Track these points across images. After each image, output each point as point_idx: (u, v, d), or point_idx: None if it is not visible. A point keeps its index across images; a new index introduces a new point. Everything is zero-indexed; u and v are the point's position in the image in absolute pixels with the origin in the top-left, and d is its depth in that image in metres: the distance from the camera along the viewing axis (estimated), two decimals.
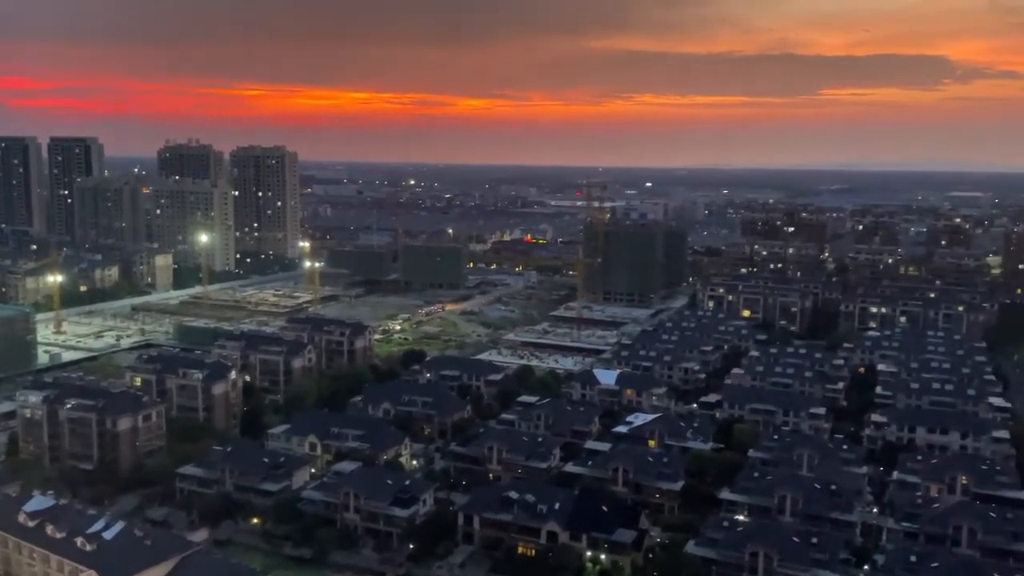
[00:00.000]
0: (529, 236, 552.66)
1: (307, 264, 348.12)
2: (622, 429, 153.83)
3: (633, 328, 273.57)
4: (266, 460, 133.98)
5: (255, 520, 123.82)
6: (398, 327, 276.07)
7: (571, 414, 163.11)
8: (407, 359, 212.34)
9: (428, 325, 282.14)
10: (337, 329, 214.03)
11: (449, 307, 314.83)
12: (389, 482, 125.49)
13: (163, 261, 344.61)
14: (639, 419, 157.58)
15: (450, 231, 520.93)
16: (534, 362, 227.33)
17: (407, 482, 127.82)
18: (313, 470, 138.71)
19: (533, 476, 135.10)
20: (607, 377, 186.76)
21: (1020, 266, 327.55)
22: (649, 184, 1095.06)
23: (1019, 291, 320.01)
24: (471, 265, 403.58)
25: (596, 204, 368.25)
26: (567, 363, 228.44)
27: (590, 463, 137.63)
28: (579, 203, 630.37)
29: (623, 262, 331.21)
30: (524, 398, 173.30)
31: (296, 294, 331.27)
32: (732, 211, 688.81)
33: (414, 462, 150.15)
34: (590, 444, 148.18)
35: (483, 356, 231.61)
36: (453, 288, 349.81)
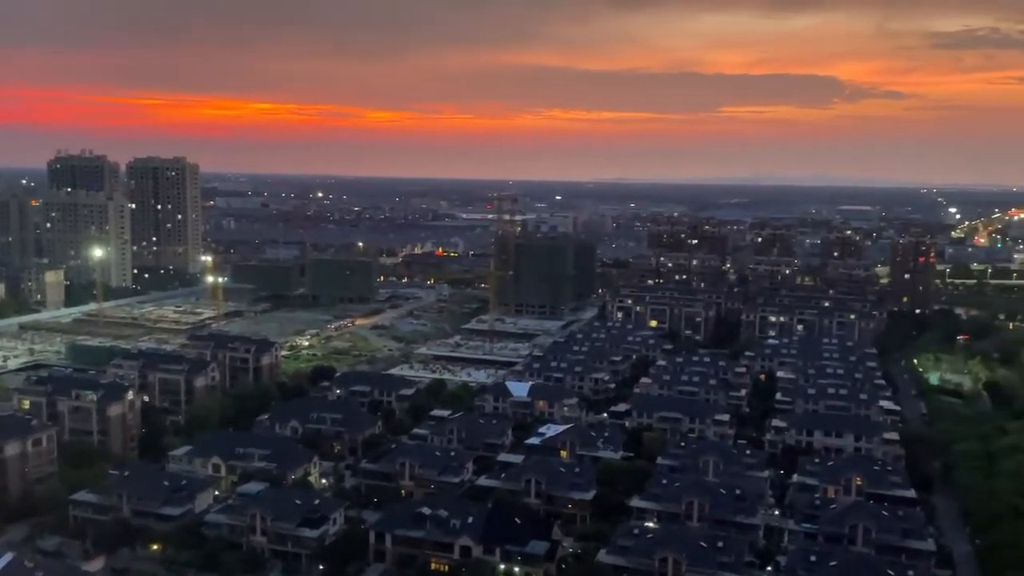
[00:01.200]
0: (440, 249, 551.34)
1: (209, 279, 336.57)
2: (534, 441, 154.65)
3: (545, 340, 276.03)
4: (166, 483, 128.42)
5: (155, 547, 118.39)
6: (306, 343, 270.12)
7: (484, 427, 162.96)
8: (316, 375, 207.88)
9: (338, 340, 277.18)
10: (242, 346, 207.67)
11: (359, 322, 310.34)
12: (297, 502, 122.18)
13: (53, 277, 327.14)
14: (551, 430, 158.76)
15: (360, 244, 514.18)
16: (446, 376, 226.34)
17: (316, 501, 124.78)
18: (217, 492, 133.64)
19: (446, 491, 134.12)
20: (519, 389, 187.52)
21: (906, 276, 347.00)
22: (559, 197, 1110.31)
23: (905, 299, 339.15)
24: (382, 279, 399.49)
25: (507, 217, 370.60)
26: (480, 376, 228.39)
27: (503, 476, 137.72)
28: (490, 216, 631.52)
29: (534, 274, 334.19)
30: (436, 412, 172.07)
31: (198, 310, 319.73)
32: (639, 224, 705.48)
33: (324, 481, 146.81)
34: (503, 457, 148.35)
35: (395, 371, 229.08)
36: (363, 302, 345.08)
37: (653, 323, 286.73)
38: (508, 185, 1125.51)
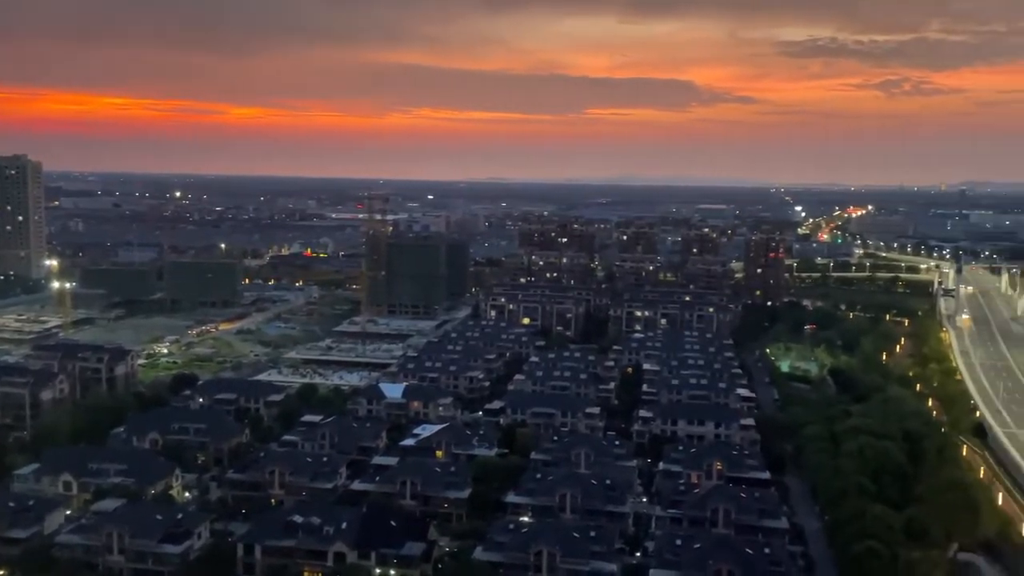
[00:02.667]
0: (309, 250, 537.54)
1: (55, 285, 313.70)
2: (409, 442, 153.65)
3: (419, 340, 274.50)
4: (11, 504, 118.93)
5: (1, 572, 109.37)
6: (165, 350, 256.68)
7: (357, 430, 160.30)
8: (176, 384, 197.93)
9: (200, 346, 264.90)
10: (93, 355, 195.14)
11: (223, 326, 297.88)
12: (158, 517, 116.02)
13: None
14: (426, 430, 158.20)
15: (223, 246, 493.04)
16: (317, 379, 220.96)
17: (179, 516, 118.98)
18: (69, 512, 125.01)
19: (319, 497, 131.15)
20: (393, 391, 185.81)
21: (758, 270, 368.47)
22: (431, 197, 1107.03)
23: (758, 292, 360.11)
24: (247, 281, 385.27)
25: (378, 217, 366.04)
26: (352, 379, 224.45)
27: (378, 479, 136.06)
28: (360, 216, 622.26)
29: (407, 275, 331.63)
30: (308, 417, 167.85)
31: (43, 318, 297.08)
32: (511, 223, 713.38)
33: (187, 494, 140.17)
34: (377, 459, 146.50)
35: (262, 376, 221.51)
36: (227, 306, 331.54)
37: (526, 320, 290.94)
38: (379, 184, 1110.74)
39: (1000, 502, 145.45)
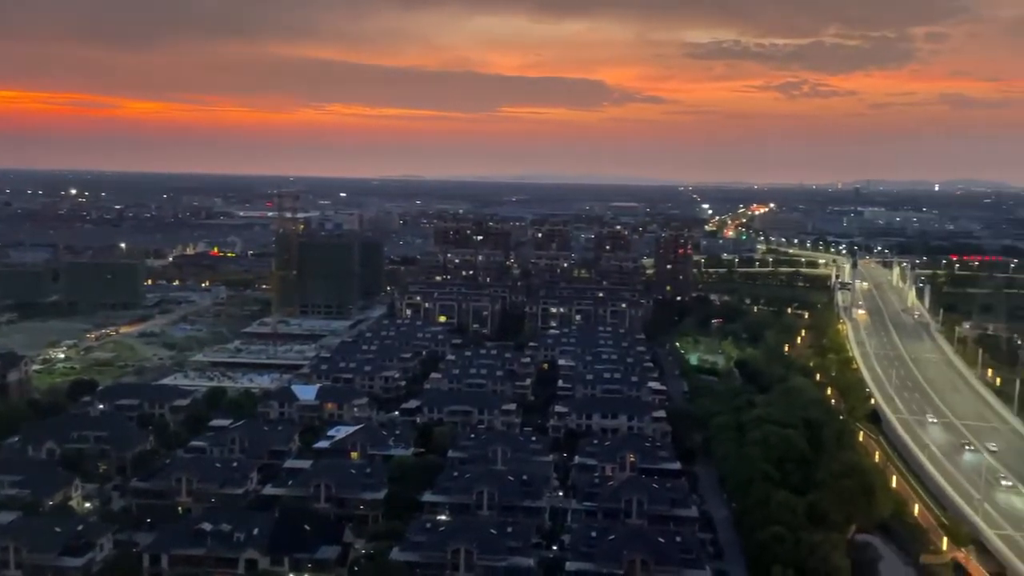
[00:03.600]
0: (216, 249, 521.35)
1: None
2: (323, 444, 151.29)
3: (332, 340, 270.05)
4: None
5: None
6: (62, 355, 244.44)
7: (269, 434, 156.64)
8: (75, 390, 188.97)
9: (100, 351, 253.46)
10: None
11: (124, 329, 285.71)
12: (57, 530, 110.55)
13: None
14: (341, 432, 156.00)
15: (123, 245, 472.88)
16: (226, 383, 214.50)
17: (80, 527, 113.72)
18: None
19: (229, 504, 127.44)
20: (306, 392, 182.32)
21: (668, 266, 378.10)
22: (343, 194, 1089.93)
23: (668, 288, 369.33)
24: (149, 282, 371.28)
25: (288, 215, 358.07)
26: (263, 381, 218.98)
27: (290, 482, 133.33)
28: (270, 214, 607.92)
29: (319, 274, 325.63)
30: (216, 422, 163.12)
31: None
32: (425, 221, 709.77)
33: (87, 504, 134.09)
34: (290, 463, 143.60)
35: (167, 381, 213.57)
36: (129, 308, 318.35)
37: (442, 319, 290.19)
38: (289, 182, 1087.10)
39: (894, 484, 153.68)
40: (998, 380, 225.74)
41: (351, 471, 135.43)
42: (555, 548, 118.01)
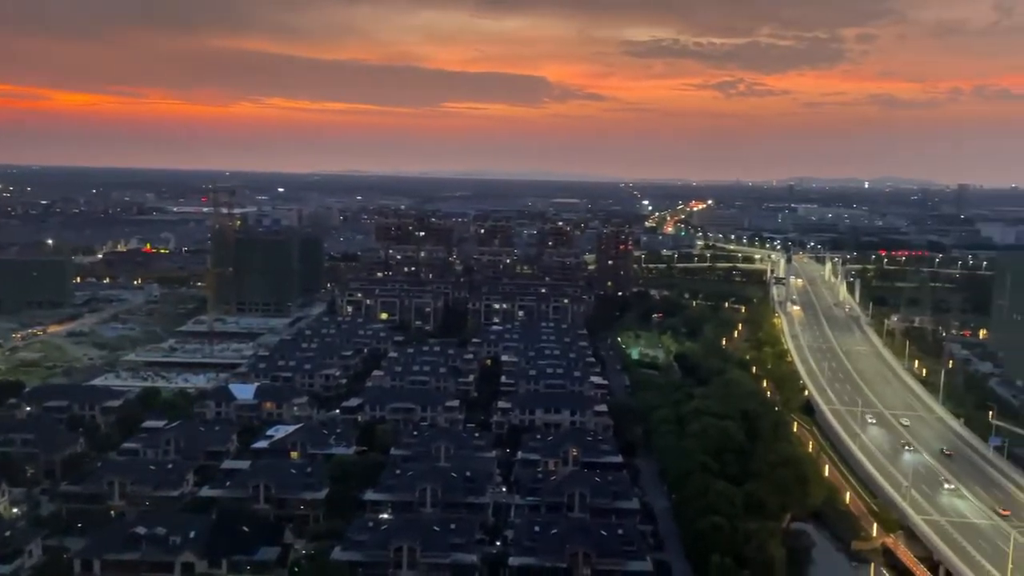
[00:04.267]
0: (149, 246, 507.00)
1: None
2: (262, 444, 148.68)
3: (271, 338, 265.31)
4: None
5: None
6: None
7: (205, 434, 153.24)
8: None
9: (25, 351, 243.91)
10: None
11: (52, 329, 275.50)
12: None
13: None
14: (280, 431, 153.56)
15: (50, 242, 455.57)
16: (160, 383, 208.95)
17: (7, 533, 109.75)
18: None
19: (164, 506, 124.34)
20: (244, 392, 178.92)
21: (609, 262, 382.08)
22: (282, 190, 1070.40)
23: (609, 283, 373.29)
24: (78, 280, 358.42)
25: (225, 210, 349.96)
26: (199, 381, 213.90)
27: (228, 484, 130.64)
28: (205, 209, 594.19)
29: (257, 271, 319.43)
30: (150, 423, 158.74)
31: None
32: (366, 217, 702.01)
33: (15, 510, 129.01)
34: (228, 464, 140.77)
35: (98, 381, 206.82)
36: (56, 307, 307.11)
37: (384, 315, 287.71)
38: (225, 176, 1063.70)
39: (826, 473, 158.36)
40: (924, 371, 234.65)
41: (291, 471, 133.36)
42: (499, 543, 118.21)
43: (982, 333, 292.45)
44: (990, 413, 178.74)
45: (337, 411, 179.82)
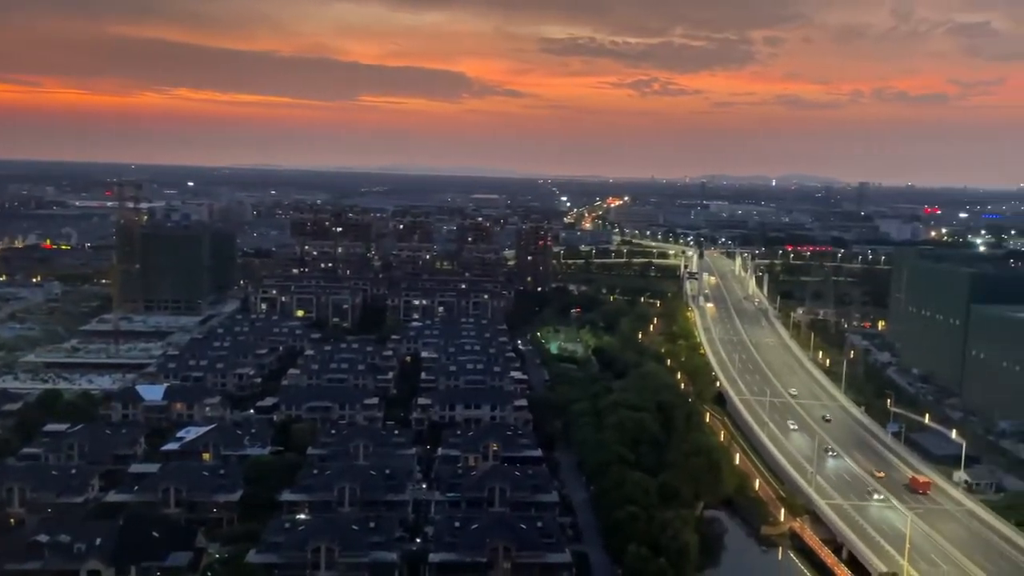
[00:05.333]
0: (48, 242, 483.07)
1: None
2: (172, 446, 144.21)
3: (181, 337, 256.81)
4: None
5: None
6: None
7: (112, 438, 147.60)
8: None
9: None
10: None
11: None
12: None
13: None
14: (191, 433, 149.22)
15: None
16: (62, 384, 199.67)
17: None
18: None
19: (68, 513, 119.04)
20: (153, 393, 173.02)
21: (529, 258, 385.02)
22: (191, 184, 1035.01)
23: (529, 279, 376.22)
24: None
25: (130, 205, 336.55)
26: (104, 382, 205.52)
27: (136, 488, 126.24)
28: (110, 204, 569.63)
29: (165, 267, 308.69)
30: (52, 427, 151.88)
31: None
32: (281, 212, 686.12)
33: None
34: (136, 467, 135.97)
35: None
36: None
37: (300, 313, 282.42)
38: (131, 169, 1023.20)
39: (737, 461, 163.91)
40: (827, 361, 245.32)
41: (203, 473, 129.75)
42: (419, 540, 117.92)
43: (881, 324, 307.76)
44: (888, 401, 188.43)
45: (252, 411, 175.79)
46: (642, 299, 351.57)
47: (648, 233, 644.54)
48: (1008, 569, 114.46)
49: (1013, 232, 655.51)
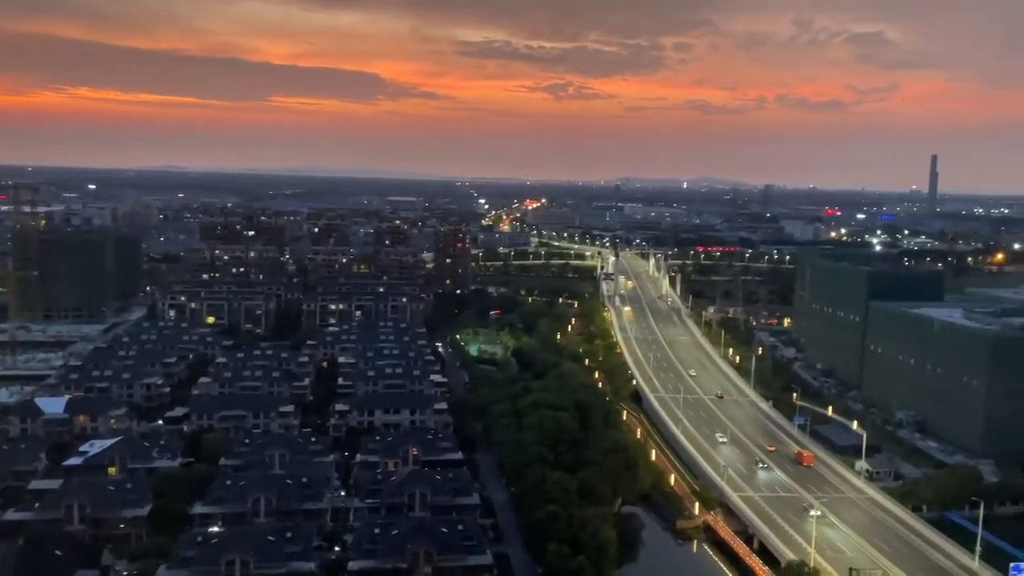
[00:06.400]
0: None
1: None
2: (75, 461, 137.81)
3: (83, 347, 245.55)
4: None
5: None
6: None
7: (9, 453, 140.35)
8: None
9: None
10: None
11: None
12: None
13: None
14: (95, 447, 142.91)
15: None
16: None
17: None
18: None
19: None
20: (53, 405, 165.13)
21: (447, 260, 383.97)
22: (93, 186, 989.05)
23: (448, 281, 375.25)
24: None
25: (27, 208, 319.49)
26: (0, 395, 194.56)
27: (37, 506, 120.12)
28: (4, 208, 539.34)
29: (66, 274, 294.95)
30: None
31: None
32: (190, 215, 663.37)
33: None
34: (36, 484, 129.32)
35: None
36: None
37: (211, 319, 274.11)
38: (27, 172, 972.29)
39: (653, 458, 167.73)
40: (738, 358, 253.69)
41: (109, 488, 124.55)
42: (338, 549, 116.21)
43: (787, 322, 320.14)
44: (794, 395, 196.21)
45: (160, 422, 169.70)
46: (560, 300, 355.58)
47: (565, 235, 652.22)
48: (905, 552, 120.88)
49: (907, 232, 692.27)
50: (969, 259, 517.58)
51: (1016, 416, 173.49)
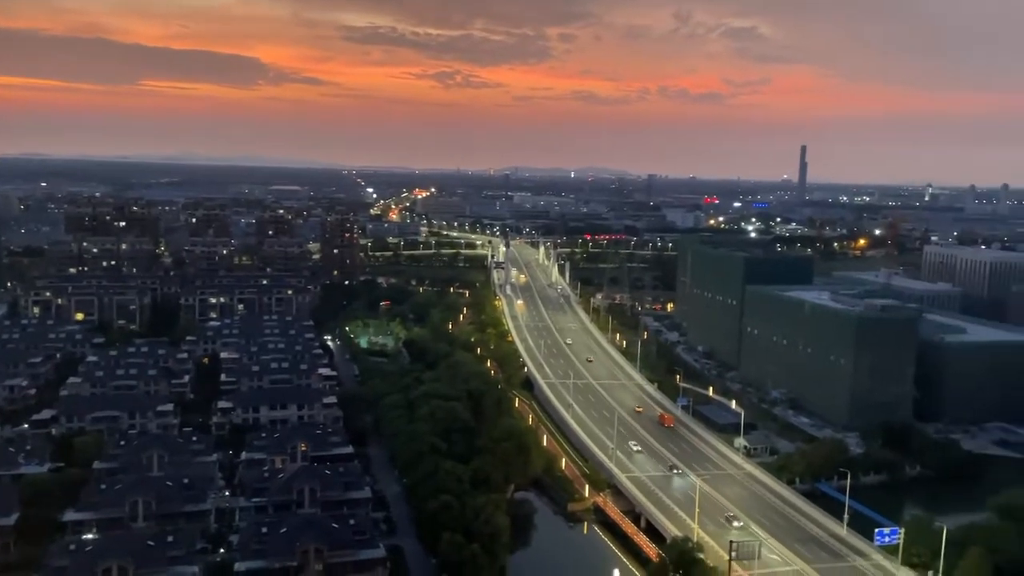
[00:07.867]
0: None
1: None
2: None
3: None
4: None
5: None
6: None
7: None
8: None
9: None
10: None
11: None
12: None
13: None
14: None
15: None
16: None
17: None
18: None
19: None
20: None
21: (335, 251, 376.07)
22: None
23: (336, 272, 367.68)
24: None
25: None
26: None
27: None
28: None
29: None
30: None
31: None
32: (54, 206, 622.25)
33: None
34: None
35: None
36: None
37: (79, 316, 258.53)
38: None
39: (545, 443, 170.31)
40: (624, 342, 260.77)
41: None
42: (223, 550, 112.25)
43: (670, 306, 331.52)
44: (677, 377, 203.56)
45: (26, 425, 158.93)
46: (451, 289, 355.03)
47: (456, 224, 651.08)
48: (781, 523, 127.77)
49: (779, 219, 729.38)
50: (835, 244, 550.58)
51: (878, 392, 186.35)
